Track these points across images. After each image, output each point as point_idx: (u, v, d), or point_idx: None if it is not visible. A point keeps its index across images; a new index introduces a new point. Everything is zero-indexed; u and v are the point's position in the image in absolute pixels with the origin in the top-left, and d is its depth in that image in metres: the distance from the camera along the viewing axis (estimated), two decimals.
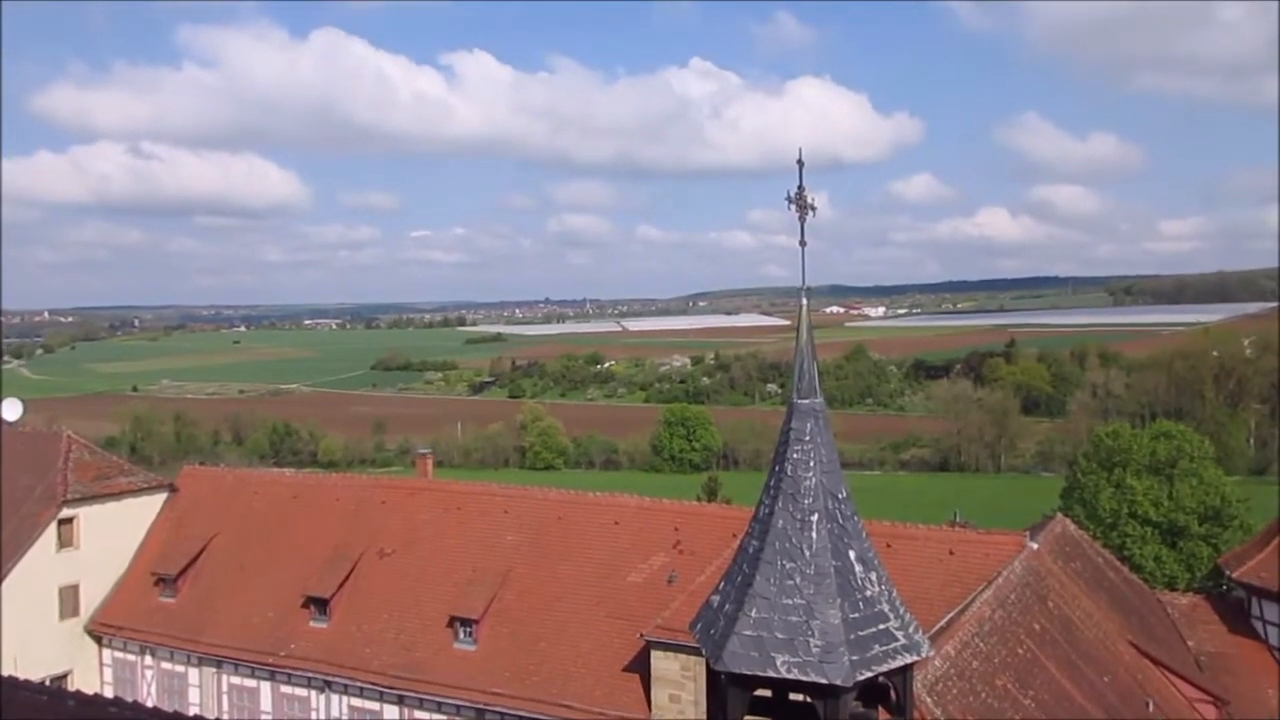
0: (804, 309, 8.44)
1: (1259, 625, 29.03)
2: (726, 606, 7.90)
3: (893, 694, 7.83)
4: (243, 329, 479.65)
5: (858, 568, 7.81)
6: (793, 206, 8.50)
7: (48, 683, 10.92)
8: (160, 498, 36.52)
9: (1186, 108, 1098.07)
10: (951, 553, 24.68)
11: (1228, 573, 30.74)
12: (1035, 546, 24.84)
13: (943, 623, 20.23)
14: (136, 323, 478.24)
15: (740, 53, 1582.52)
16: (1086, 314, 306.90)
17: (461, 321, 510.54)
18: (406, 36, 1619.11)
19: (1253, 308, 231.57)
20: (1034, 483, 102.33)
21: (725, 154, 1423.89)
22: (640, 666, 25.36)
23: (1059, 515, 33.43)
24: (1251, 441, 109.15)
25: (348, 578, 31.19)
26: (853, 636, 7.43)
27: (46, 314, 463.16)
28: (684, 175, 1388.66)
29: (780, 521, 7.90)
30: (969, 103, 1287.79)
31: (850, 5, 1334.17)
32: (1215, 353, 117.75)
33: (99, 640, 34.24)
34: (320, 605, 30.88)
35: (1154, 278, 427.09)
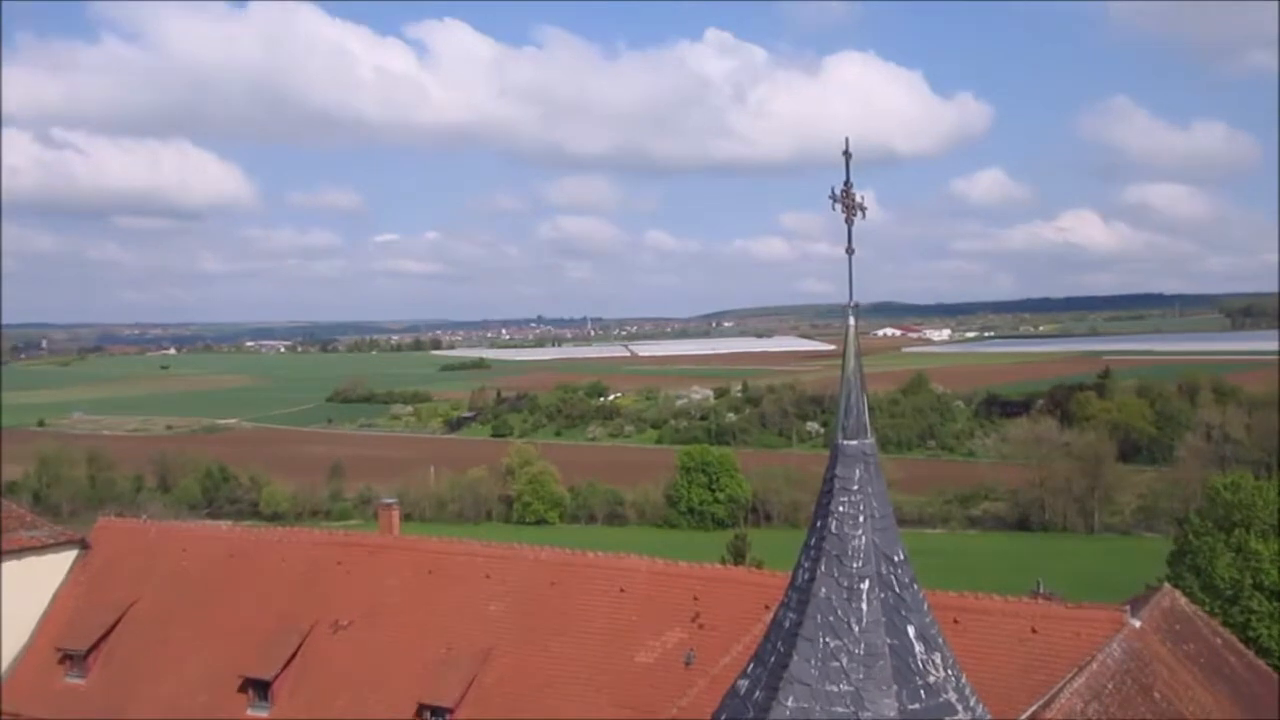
0: (851, 331, 8.45)
1: None
2: (757, 694, 7.85)
3: None
4: (172, 352, 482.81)
5: (918, 647, 7.76)
6: (838, 206, 8.54)
7: None
8: (69, 556, 36.49)
9: None
10: (1034, 631, 24.50)
11: None
12: (1137, 624, 24.62)
13: (1023, 717, 20.07)
14: (45, 344, 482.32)
15: (766, 23, 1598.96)
16: (1197, 339, 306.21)
17: (436, 344, 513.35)
18: (366, 3, 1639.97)
19: None
20: (1135, 545, 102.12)
21: (752, 145, 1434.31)
22: None
23: (1166, 586, 33.09)
24: None
25: (295, 656, 31.08)
26: None
27: None
28: (702, 171, 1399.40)
29: (823, 590, 7.86)
30: (1046, 84, 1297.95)
31: None
32: None
33: None
34: (261, 689, 30.75)
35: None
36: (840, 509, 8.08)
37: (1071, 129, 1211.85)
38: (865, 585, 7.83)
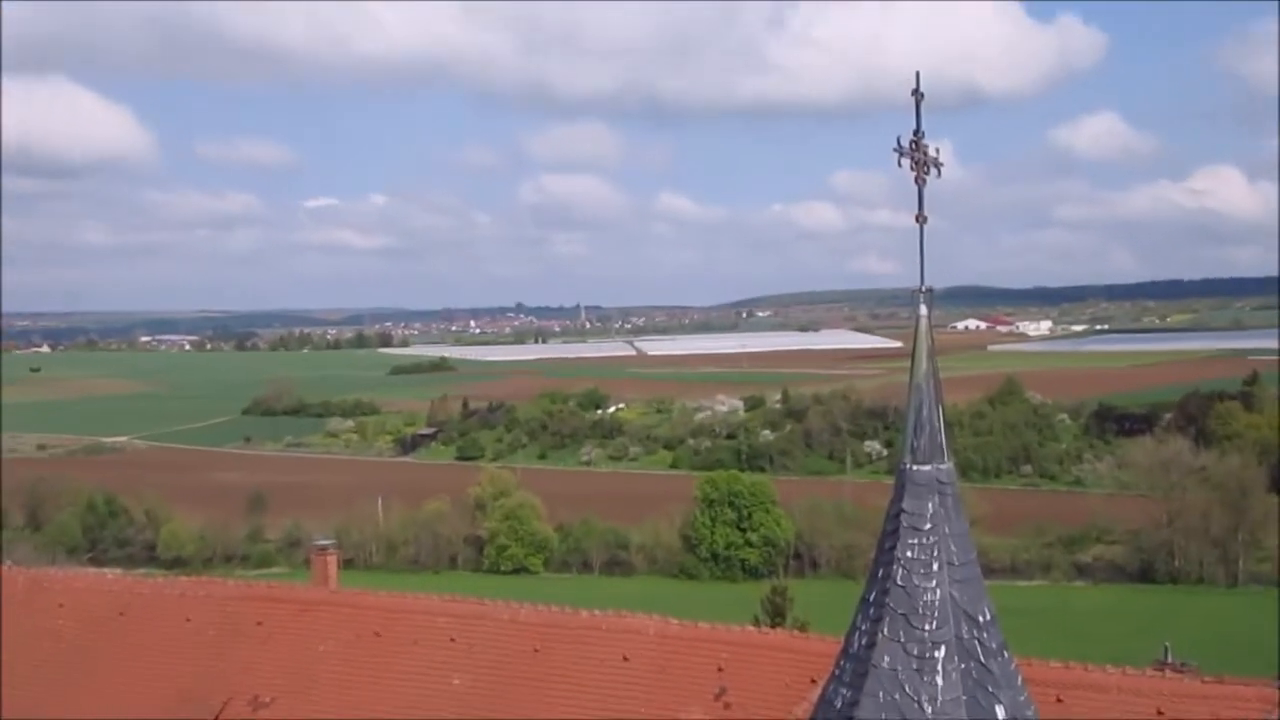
0: (923, 323, 8.46)
1: None
2: None
3: None
4: (45, 349, 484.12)
5: None
6: (906, 162, 8.55)
7: None
8: None
9: None
10: (1160, 712, 24.49)
11: None
12: None
13: None
14: None
15: None
16: None
17: (385, 340, 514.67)
18: None
19: None
20: None
21: (794, 84, 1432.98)
22: None
23: None
24: None
25: None
26: None
27: None
28: (730, 116, 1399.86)
29: (886, 659, 7.88)
30: (1175, 4, 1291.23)
31: None
32: None
33: None
34: None
35: None
36: (908, 554, 8.08)
37: (1208, 62, 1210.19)
38: (941, 653, 7.83)
